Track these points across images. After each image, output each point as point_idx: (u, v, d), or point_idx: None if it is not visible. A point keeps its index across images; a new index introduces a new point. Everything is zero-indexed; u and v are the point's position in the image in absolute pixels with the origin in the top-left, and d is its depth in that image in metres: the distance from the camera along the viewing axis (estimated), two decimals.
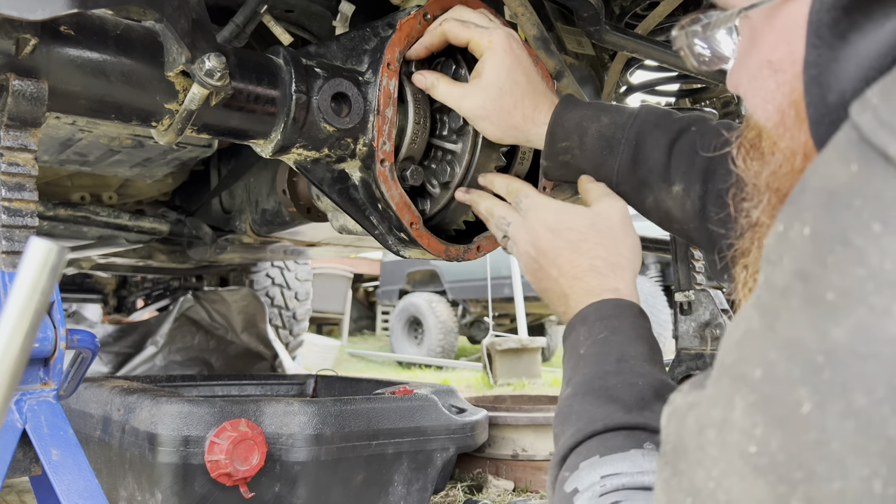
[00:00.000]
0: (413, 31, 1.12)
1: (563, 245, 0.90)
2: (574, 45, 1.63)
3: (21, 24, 0.85)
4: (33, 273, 0.40)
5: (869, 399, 0.29)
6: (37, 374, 0.87)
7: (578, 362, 0.78)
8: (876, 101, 0.33)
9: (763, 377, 0.33)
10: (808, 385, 0.31)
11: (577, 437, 0.69)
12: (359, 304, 12.83)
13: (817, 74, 0.42)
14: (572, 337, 0.83)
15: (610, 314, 0.82)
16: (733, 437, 0.34)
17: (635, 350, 0.77)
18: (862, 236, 0.31)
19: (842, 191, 0.33)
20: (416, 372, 6.99)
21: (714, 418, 0.36)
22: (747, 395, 0.34)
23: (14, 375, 0.40)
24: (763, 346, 0.34)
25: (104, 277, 4.25)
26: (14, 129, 0.89)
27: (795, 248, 0.34)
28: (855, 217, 0.31)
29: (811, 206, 0.34)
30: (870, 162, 0.32)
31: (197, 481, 1.39)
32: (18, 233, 0.88)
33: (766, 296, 0.35)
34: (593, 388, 0.73)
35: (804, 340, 0.32)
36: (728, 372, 0.36)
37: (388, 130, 1.12)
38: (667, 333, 6.13)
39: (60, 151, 1.75)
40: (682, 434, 0.40)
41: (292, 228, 1.94)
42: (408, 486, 1.65)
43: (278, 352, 3.48)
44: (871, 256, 0.31)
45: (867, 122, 0.33)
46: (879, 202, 0.31)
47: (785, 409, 0.32)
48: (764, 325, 0.35)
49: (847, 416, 0.30)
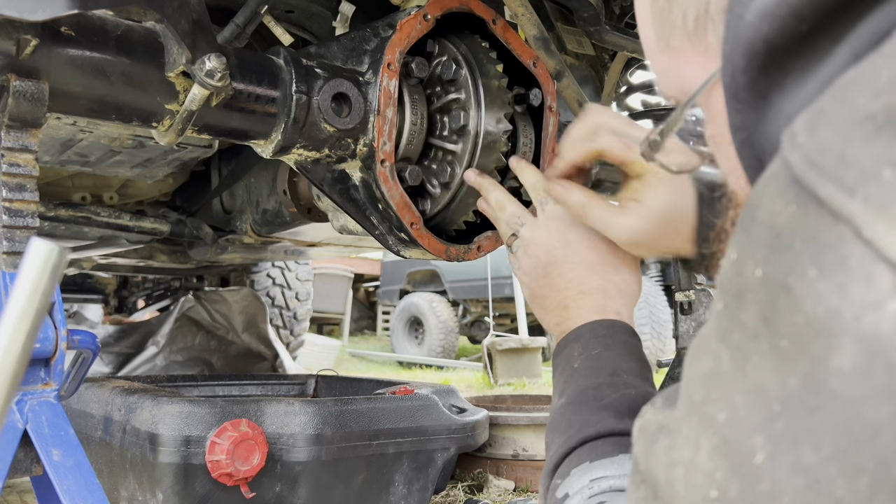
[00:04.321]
0: (413, 31, 1.12)
1: (579, 261, 0.89)
2: (574, 45, 1.63)
3: (22, 24, 0.85)
4: (34, 274, 0.40)
5: (817, 456, 0.29)
6: (38, 375, 0.87)
7: (572, 375, 0.79)
8: (802, 140, 0.32)
9: (726, 421, 0.33)
10: (764, 433, 0.31)
11: (570, 444, 0.71)
12: (359, 304, 12.83)
13: (747, 137, 0.41)
14: (566, 353, 0.84)
15: (604, 332, 0.83)
16: (698, 479, 0.34)
17: (628, 366, 0.78)
18: (800, 282, 0.30)
19: (784, 231, 0.32)
20: (416, 372, 6.99)
21: (684, 457, 0.36)
22: (711, 437, 0.34)
23: (15, 376, 0.40)
24: (731, 389, 0.33)
25: (105, 278, 4.25)
26: (15, 129, 0.89)
27: (752, 290, 0.33)
28: (794, 261, 0.31)
29: (760, 245, 0.33)
30: (804, 203, 0.31)
31: (198, 481, 1.39)
32: (19, 233, 0.88)
33: (738, 337, 0.34)
34: (587, 399, 0.75)
35: (767, 387, 0.31)
36: (697, 411, 0.36)
37: (388, 131, 1.12)
38: (667, 333, 6.13)
39: (61, 152, 1.75)
40: (651, 462, 0.39)
41: (293, 229, 1.94)
42: (408, 485, 1.65)
43: (279, 352, 3.48)
44: (806, 303, 0.30)
45: (797, 163, 0.32)
46: (815, 245, 0.30)
47: (742, 455, 0.32)
48: (735, 368, 0.34)
49: (797, 470, 0.29)
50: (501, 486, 2.17)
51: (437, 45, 1.20)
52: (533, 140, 1.28)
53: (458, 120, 1.16)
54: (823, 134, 0.31)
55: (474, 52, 1.19)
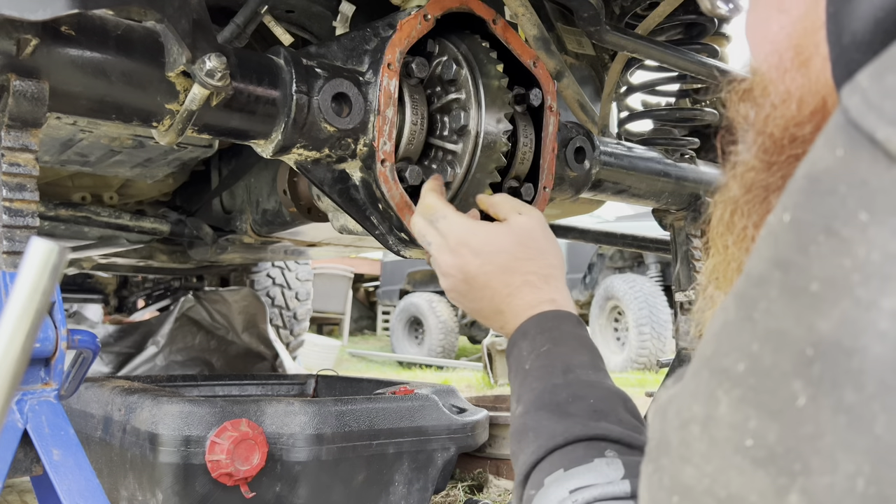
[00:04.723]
0: (413, 31, 1.12)
1: (493, 269, 0.89)
2: (574, 45, 1.63)
3: (22, 24, 0.85)
4: (34, 273, 0.40)
5: (859, 395, 0.29)
6: (38, 375, 0.87)
7: (525, 378, 0.78)
8: (866, 84, 0.31)
9: (748, 370, 0.33)
10: (802, 378, 0.31)
11: (539, 453, 0.69)
12: (359, 304, 12.83)
13: (835, 12, 0.40)
14: (515, 353, 0.83)
15: (550, 326, 0.82)
16: (723, 432, 0.33)
17: (579, 359, 0.77)
18: (847, 226, 0.30)
19: (824, 176, 0.31)
20: (416, 372, 6.99)
21: (696, 414, 0.35)
22: (731, 390, 0.33)
23: (15, 376, 0.40)
24: (743, 338, 0.33)
25: (105, 277, 4.25)
26: (15, 129, 0.89)
27: (773, 234, 0.33)
28: (839, 205, 0.30)
29: (791, 192, 0.33)
30: (856, 147, 0.30)
31: (198, 481, 1.39)
32: (19, 233, 0.88)
33: (742, 285, 0.34)
34: (545, 404, 0.73)
35: (789, 332, 0.31)
36: (707, 364, 0.35)
37: (388, 130, 1.12)
38: (667, 333, 6.13)
39: (61, 152, 1.75)
40: (664, 429, 0.39)
41: (293, 228, 1.94)
42: (408, 485, 1.65)
43: (279, 352, 3.48)
44: (857, 247, 0.29)
45: (855, 105, 0.31)
46: (865, 190, 0.30)
47: (779, 402, 0.31)
48: (741, 315, 0.34)
49: (838, 411, 0.29)
50: (501, 486, 2.17)
51: (438, 45, 1.20)
52: (533, 140, 1.28)
53: (459, 120, 1.16)
54: (889, 79, 0.31)
55: (475, 52, 1.19)
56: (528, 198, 1.27)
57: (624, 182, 1.60)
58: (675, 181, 1.67)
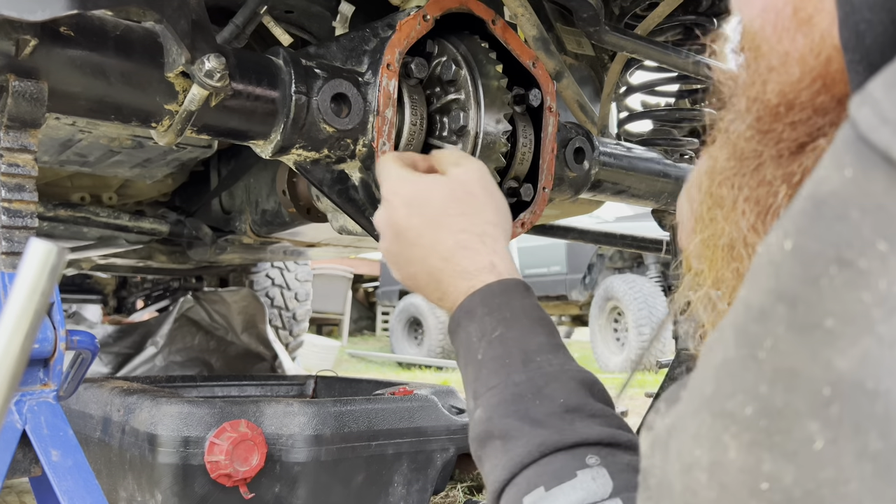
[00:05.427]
0: (412, 31, 1.12)
1: (421, 223, 0.80)
2: (574, 45, 1.63)
3: (21, 24, 0.85)
4: (33, 274, 0.40)
5: (885, 443, 0.26)
6: (37, 375, 0.87)
7: (480, 370, 0.70)
8: (879, 94, 0.28)
9: (758, 413, 0.30)
10: (819, 419, 0.28)
11: (511, 469, 0.61)
12: (359, 304, 12.83)
13: None
14: (462, 335, 0.74)
15: (498, 303, 0.73)
16: (734, 477, 0.31)
17: (536, 342, 0.70)
18: (864, 256, 0.27)
19: (832, 200, 0.28)
20: (416, 372, 6.99)
21: (700, 460, 0.32)
22: (740, 434, 0.30)
23: (14, 376, 0.40)
24: (748, 378, 0.30)
25: (104, 278, 4.25)
26: (14, 129, 0.89)
27: (773, 263, 0.30)
28: (852, 233, 0.27)
29: (793, 215, 0.30)
30: (868, 166, 0.27)
31: (197, 482, 1.39)
32: (18, 234, 0.88)
33: (741, 317, 0.31)
34: (511, 410, 0.65)
35: (802, 371, 0.28)
36: (708, 406, 0.32)
37: (387, 131, 1.12)
38: (667, 334, 6.13)
39: (60, 152, 1.75)
40: (665, 469, 0.36)
41: (292, 229, 1.94)
42: (408, 486, 1.65)
43: (278, 352, 3.48)
44: (876, 280, 0.27)
45: (866, 118, 0.27)
46: (882, 215, 0.26)
47: (794, 443, 0.29)
48: (742, 353, 0.31)
49: (863, 457, 0.27)
50: None
51: (437, 46, 1.20)
52: (532, 140, 1.28)
53: (458, 120, 1.16)
54: None
55: (474, 52, 1.19)
56: (528, 198, 1.27)
57: (623, 182, 1.60)
58: (674, 181, 1.68)
